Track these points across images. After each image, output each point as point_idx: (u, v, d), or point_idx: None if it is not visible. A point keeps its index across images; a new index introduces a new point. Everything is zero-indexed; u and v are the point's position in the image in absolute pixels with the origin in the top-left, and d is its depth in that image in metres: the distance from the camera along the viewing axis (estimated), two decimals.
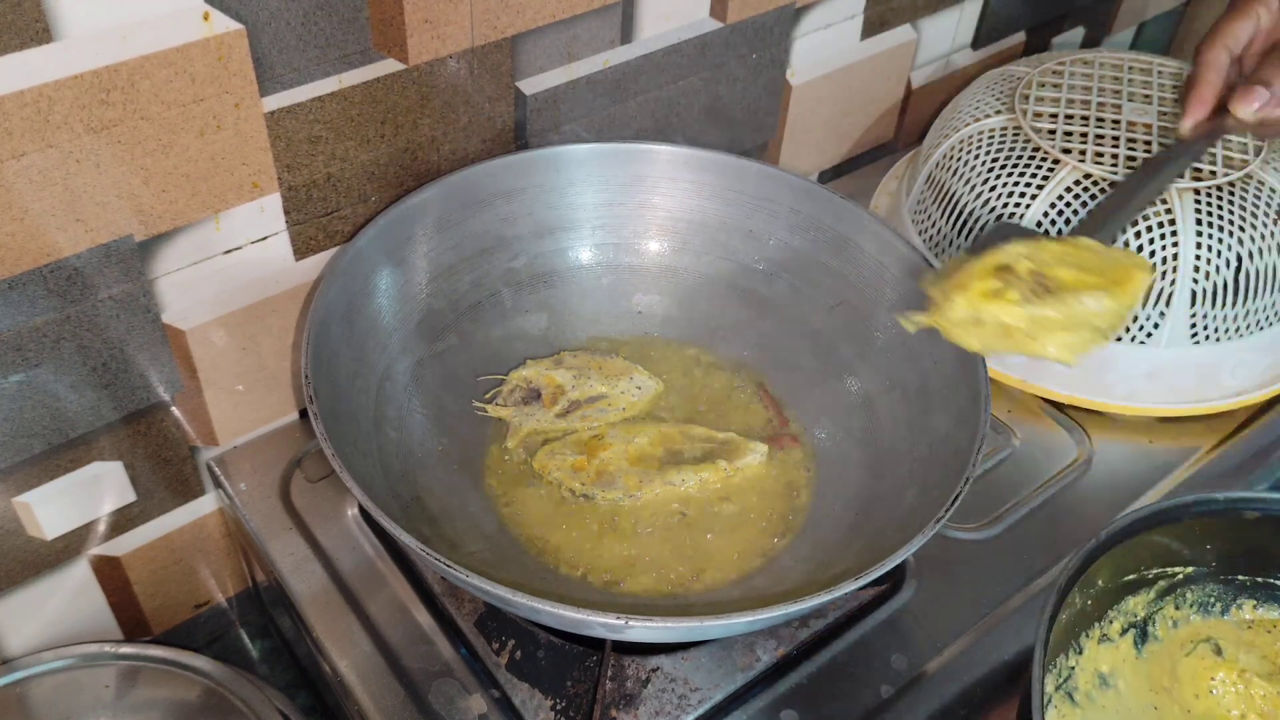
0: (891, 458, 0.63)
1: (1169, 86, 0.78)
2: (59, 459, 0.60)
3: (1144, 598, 0.59)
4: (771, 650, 0.58)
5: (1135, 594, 0.59)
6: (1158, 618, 0.60)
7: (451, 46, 0.61)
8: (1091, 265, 0.56)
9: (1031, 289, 0.55)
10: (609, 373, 0.67)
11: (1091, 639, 0.58)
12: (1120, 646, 0.59)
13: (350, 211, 0.64)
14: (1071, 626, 0.57)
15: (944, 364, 0.62)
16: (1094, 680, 0.58)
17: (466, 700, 0.56)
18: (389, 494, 0.57)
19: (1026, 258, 0.56)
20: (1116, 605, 0.59)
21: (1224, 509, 0.58)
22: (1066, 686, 0.57)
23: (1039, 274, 0.55)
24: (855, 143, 0.92)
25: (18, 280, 0.52)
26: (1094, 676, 0.58)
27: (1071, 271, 0.55)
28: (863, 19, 0.82)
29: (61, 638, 0.66)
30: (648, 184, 0.71)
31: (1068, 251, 0.56)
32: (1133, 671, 0.59)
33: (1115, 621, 0.59)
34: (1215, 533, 0.59)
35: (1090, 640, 0.58)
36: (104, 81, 0.49)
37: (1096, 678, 0.58)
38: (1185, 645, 0.59)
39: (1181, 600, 0.60)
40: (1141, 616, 0.60)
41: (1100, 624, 0.59)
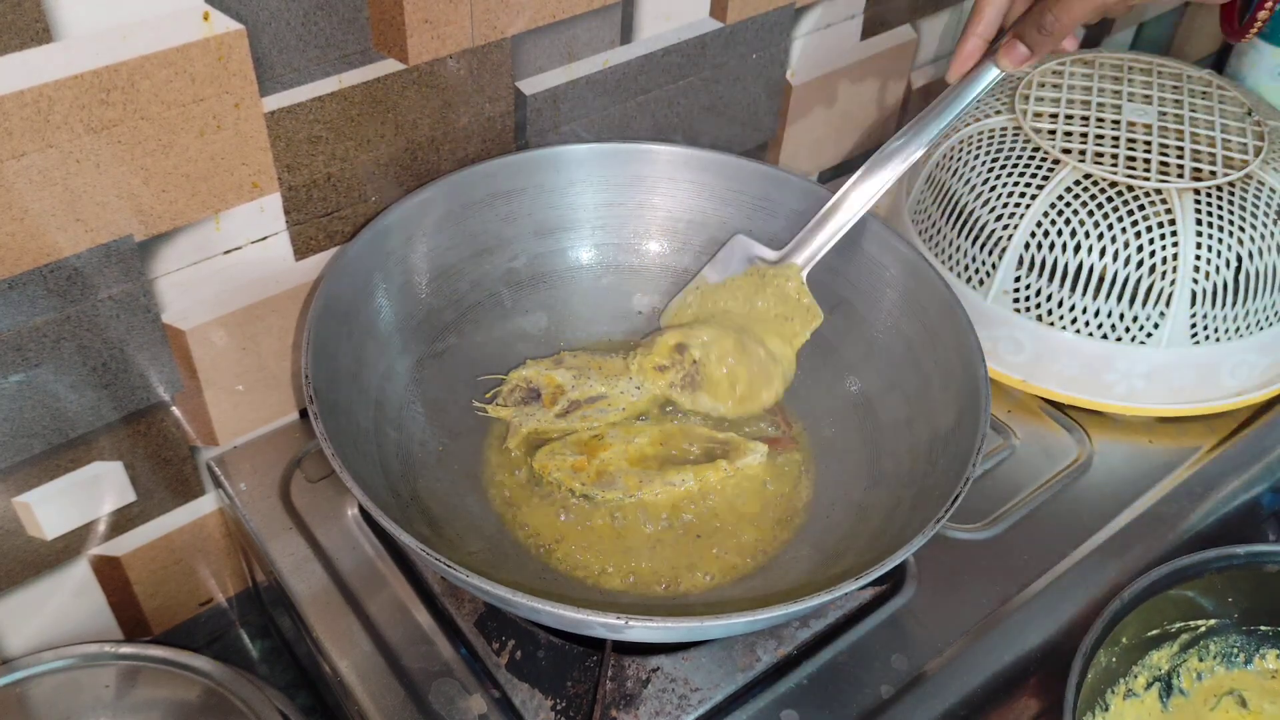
0: (891, 458, 0.63)
1: (1169, 86, 0.78)
2: (59, 459, 0.60)
3: (1167, 651, 0.60)
4: (771, 650, 0.58)
5: (1159, 648, 0.60)
6: (1182, 670, 0.60)
7: (451, 46, 0.61)
8: (769, 315, 0.64)
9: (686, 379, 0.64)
10: (609, 373, 0.67)
11: (1117, 695, 0.59)
12: (1145, 701, 0.59)
13: (350, 211, 0.64)
14: (1097, 685, 0.58)
15: (944, 364, 0.62)
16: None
17: (466, 700, 0.56)
18: (389, 494, 0.57)
19: (700, 344, 0.64)
20: (1141, 660, 0.60)
21: (1245, 563, 0.58)
22: None
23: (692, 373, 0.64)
24: (855, 143, 0.92)
25: (18, 280, 0.52)
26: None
27: (724, 364, 0.64)
28: (863, 19, 0.82)
29: (61, 638, 0.66)
30: (648, 184, 0.71)
31: (745, 299, 0.65)
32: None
33: (1140, 676, 0.59)
34: (1237, 586, 0.59)
35: (1116, 696, 0.59)
36: (104, 81, 0.49)
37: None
38: (1209, 700, 0.60)
39: (1205, 652, 0.61)
40: (1165, 670, 0.60)
41: (1125, 679, 0.59)
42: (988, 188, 0.73)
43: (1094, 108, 0.76)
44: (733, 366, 0.65)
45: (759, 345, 0.66)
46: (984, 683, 0.59)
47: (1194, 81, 0.79)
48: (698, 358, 0.66)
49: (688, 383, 0.66)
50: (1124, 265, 0.68)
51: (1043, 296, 0.71)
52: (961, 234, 0.74)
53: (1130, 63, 0.81)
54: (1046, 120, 0.75)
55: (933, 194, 0.77)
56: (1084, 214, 0.69)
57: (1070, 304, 0.70)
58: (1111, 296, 0.69)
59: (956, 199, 0.74)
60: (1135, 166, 0.71)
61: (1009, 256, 0.71)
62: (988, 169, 0.73)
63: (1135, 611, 0.56)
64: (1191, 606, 0.60)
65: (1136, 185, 0.69)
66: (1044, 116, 0.75)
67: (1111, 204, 0.69)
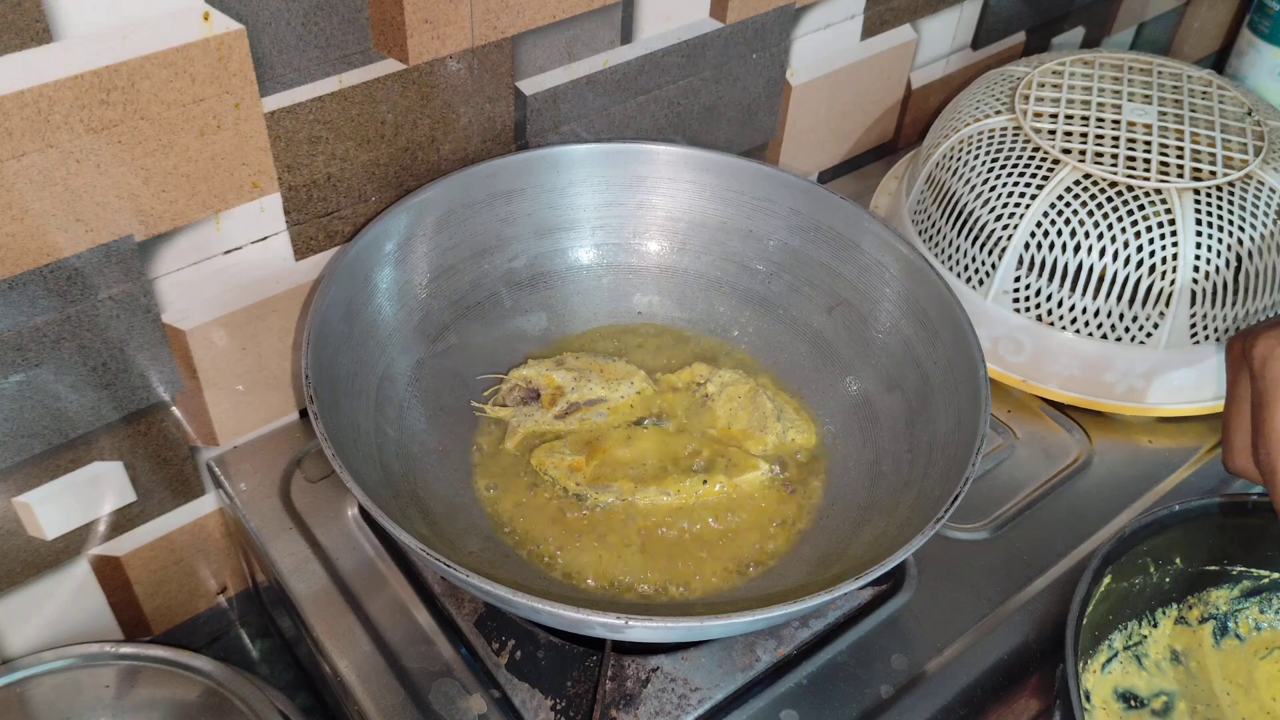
0: (891, 458, 0.63)
1: (1169, 86, 0.78)
2: (59, 459, 0.60)
3: (1227, 593, 0.60)
4: (771, 650, 0.58)
5: (1219, 587, 0.60)
6: (1239, 616, 0.60)
7: (451, 46, 0.61)
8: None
9: None
10: (610, 376, 0.66)
11: (1168, 617, 0.59)
12: (1198, 633, 0.60)
13: (350, 211, 0.64)
14: (1146, 596, 0.58)
15: (944, 364, 0.62)
16: (1166, 653, 0.59)
17: (466, 700, 0.56)
18: (389, 494, 0.57)
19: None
20: (1197, 593, 0.60)
21: None
22: (1136, 650, 0.58)
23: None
24: (855, 143, 0.92)
25: (18, 280, 0.52)
26: (1166, 650, 0.59)
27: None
28: (863, 19, 0.82)
29: (61, 638, 0.66)
30: (648, 184, 0.71)
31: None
32: (1208, 658, 0.60)
33: (1195, 609, 0.60)
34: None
35: (1166, 618, 0.59)
36: (104, 82, 0.49)
37: (1169, 651, 0.59)
38: (1261, 650, 0.60)
39: (1268, 605, 0.60)
40: (1224, 611, 0.60)
41: (1179, 606, 0.60)
42: (988, 188, 0.73)
43: (1094, 108, 0.76)
44: (735, 410, 0.66)
45: (771, 401, 0.66)
46: (984, 682, 0.59)
47: (1194, 81, 0.79)
48: (710, 392, 0.67)
49: (691, 406, 0.67)
50: (1124, 265, 0.68)
51: (1043, 296, 0.71)
52: (961, 234, 0.74)
53: (1130, 63, 0.81)
54: (1046, 120, 0.75)
55: (933, 194, 0.77)
56: (1084, 214, 0.69)
57: (1070, 304, 0.70)
58: (1111, 296, 0.69)
59: (956, 199, 0.74)
60: (1135, 166, 0.71)
61: (1009, 256, 0.71)
62: (988, 169, 0.73)
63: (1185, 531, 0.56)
64: (1252, 552, 0.59)
65: (1136, 185, 0.69)
66: (1044, 116, 0.75)
67: (1111, 204, 0.69)
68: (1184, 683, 0.58)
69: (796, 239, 0.70)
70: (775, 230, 0.70)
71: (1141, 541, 0.56)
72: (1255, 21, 0.97)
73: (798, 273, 0.70)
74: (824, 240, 0.69)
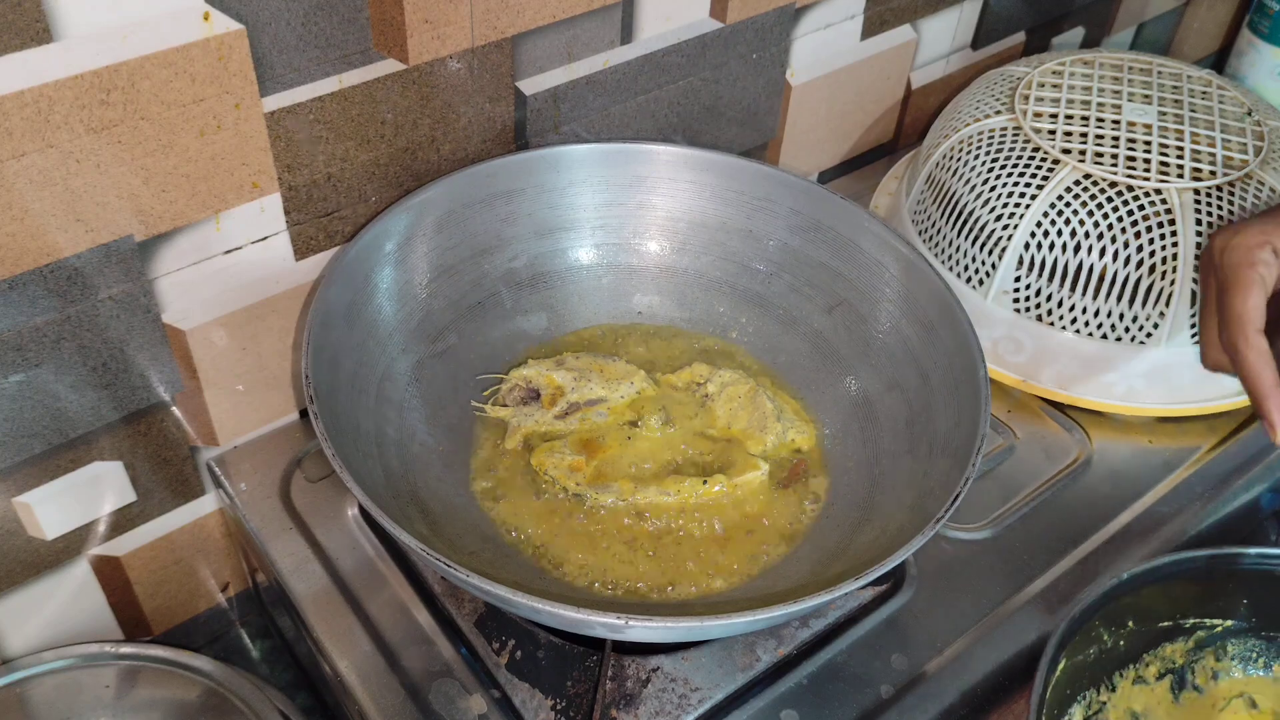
0: (891, 458, 0.63)
1: (1169, 86, 0.78)
2: (59, 459, 0.60)
3: (1181, 646, 0.60)
4: (771, 650, 0.58)
5: (1173, 641, 0.60)
6: (1197, 667, 0.60)
7: (451, 46, 0.61)
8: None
9: None
10: (610, 376, 0.66)
11: (1125, 679, 0.59)
12: (1156, 690, 0.60)
13: (350, 211, 0.64)
14: (1103, 661, 0.58)
15: (944, 364, 0.62)
16: (1125, 716, 0.58)
17: (466, 700, 0.56)
18: (389, 494, 0.57)
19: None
20: (1153, 650, 0.60)
21: (1254, 566, 0.58)
22: (1096, 718, 0.57)
23: None
24: (855, 143, 0.92)
25: (18, 280, 0.52)
26: (1126, 714, 0.59)
27: None
28: (863, 19, 0.82)
29: (61, 638, 0.66)
30: (648, 184, 0.71)
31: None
32: (1167, 715, 0.60)
33: (1151, 666, 0.60)
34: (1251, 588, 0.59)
35: (1124, 680, 0.59)
36: (104, 82, 0.49)
37: (1129, 715, 0.58)
38: (1220, 702, 0.60)
39: (1222, 653, 0.61)
40: (1180, 664, 0.60)
41: (1136, 666, 0.59)
42: (988, 188, 0.73)
43: (1094, 108, 0.76)
44: (735, 410, 0.66)
45: (771, 400, 0.66)
46: (984, 682, 0.59)
47: (1194, 81, 0.79)
48: (710, 392, 0.67)
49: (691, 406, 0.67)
50: (1124, 265, 0.68)
51: (1043, 296, 0.71)
52: (961, 234, 0.74)
53: (1130, 63, 0.81)
54: (1046, 120, 0.75)
55: (933, 194, 0.77)
56: (1084, 214, 0.69)
57: (1070, 304, 0.70)
58: (1111, 296, 0.69)
59: (956, 199, 0.74)
60: (1135, 166, 0.71)
61: (1009, 256, 0.71)
62: (988, 169, 0.73)
63: (1138, 596, 0.56)
64: (1202, 603, 0.59)
65: (1136, 185, 0.69)
66: (1044, 116, 0.75)
67: (1111, 204, 0.69)
68: None
69: (796, 239, 0.70)
70: (775, 230, 0.70)
71: (1092, 617, 0.56)
72: (1255, 21, 0.97)
73: (798, 273, 0.70)
74: (824, 240, 0.69)
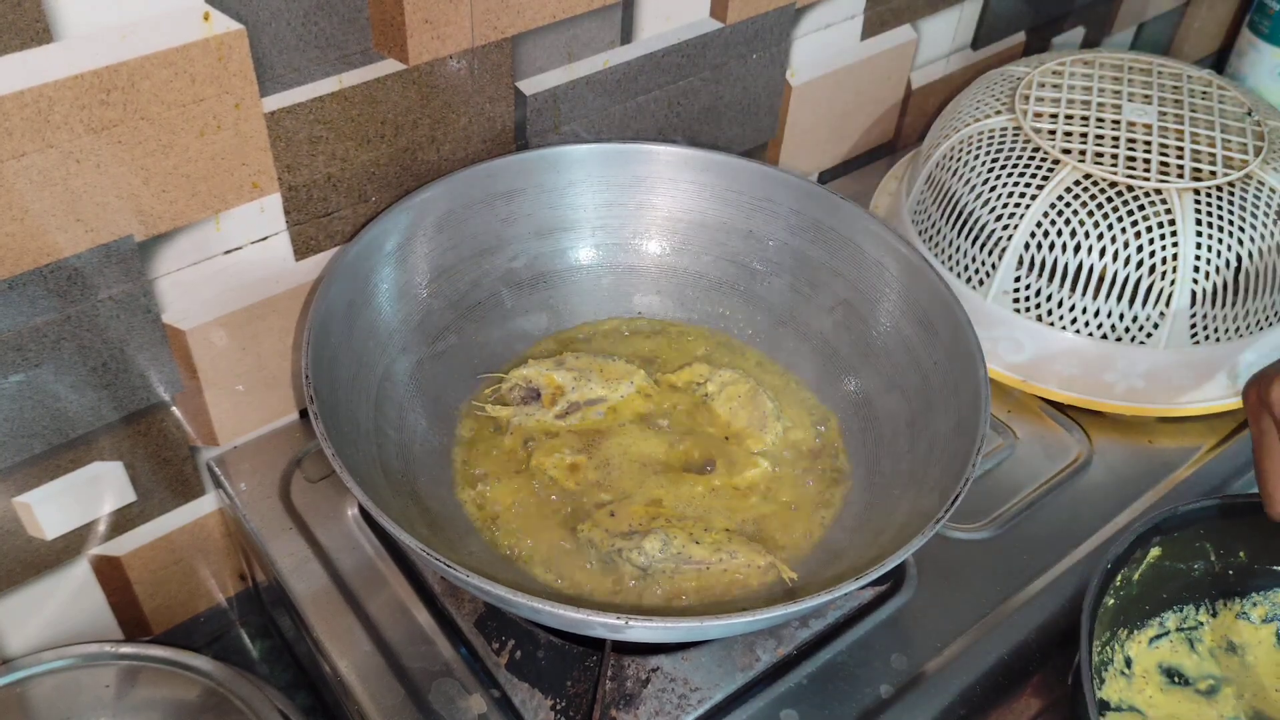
0: (891, 458, 0.63)
1: (1169, 86, 0.78)
2: (59, 459, 0.60)
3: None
4: (771, 650, 0.58)
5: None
6: None
7: (451, 46, 0.61)
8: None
9: None
10: (610, 375, 0.66)
11: (1229, 610, 0.60)
12: (1260, 631, 0.60)
13: (350, 211, 0.64)
14: (1207, 583, 0.59)
15: (944, 364, 0.62)
16: (1222, 642, 0.59)
17: (466, 700, 0.56)
18: (389, 494, 0.57)
19: None
20: (1264, 592, 0.60)
21: None
22: (1190, 634, 0.58)
23: None
24: (855, 143, 0.92)
25: (18, 280, 0.52)
26: (1223, 639, 0.59)
27: None
28: (863, 19, 0.82)
29: (61, 638, 0.66)
30: (648, 184, 0.71)
31: None
32: (1267, 656, 0.60)
33: (1259, 606, 0.60)
34: None
35: (1227, 611, 0.60)
36: (104, 81, 0.49)
37: (1225, 641, 0.59)
38: None
39: None
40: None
41: (1242, 600, 0.60)
42: (988, 188, 0.73)
43: (1094, 108, 0.76)
44: (735, 409, 0.66)
45: (771, 400, 0.66)
46: (984, 682, 0.59)
47: (1194, 81, 0.79)
48: (710, 391, 0.67)
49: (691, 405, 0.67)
50: (1124, 265, 0.68)
51: (1043, 296, 0.71)
52: (961, 234, 0.74)
53: (1130, 63, 0.81)
54: (1046, 120, 0.75)
55: (933, 194, 0.77)
56: (1084, 214, 0.69)
57: (1070, 304, 0.70)
58: (1111, 296, 0.69)
59: (956, 199, 0.74)
60: (1135, 166, 0.71)
61: (1009, 256, 0.71)
62: (988, 169, 0.73)
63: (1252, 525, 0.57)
64: None
65: (1136, 185, 0.69)
66: (1044, 116, 0.75)
67: (1111, 204, 0.69)
68: (1236, 673, 0.58)
69: (796, 239, 0.70)
70: (775, 230, 0.70)
71: (1198, 524, 0.57)
72: (1255, 21, 0.97)
73: (798, 273, 0.70)
74: (824, 240, 0.69)
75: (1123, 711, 0.57)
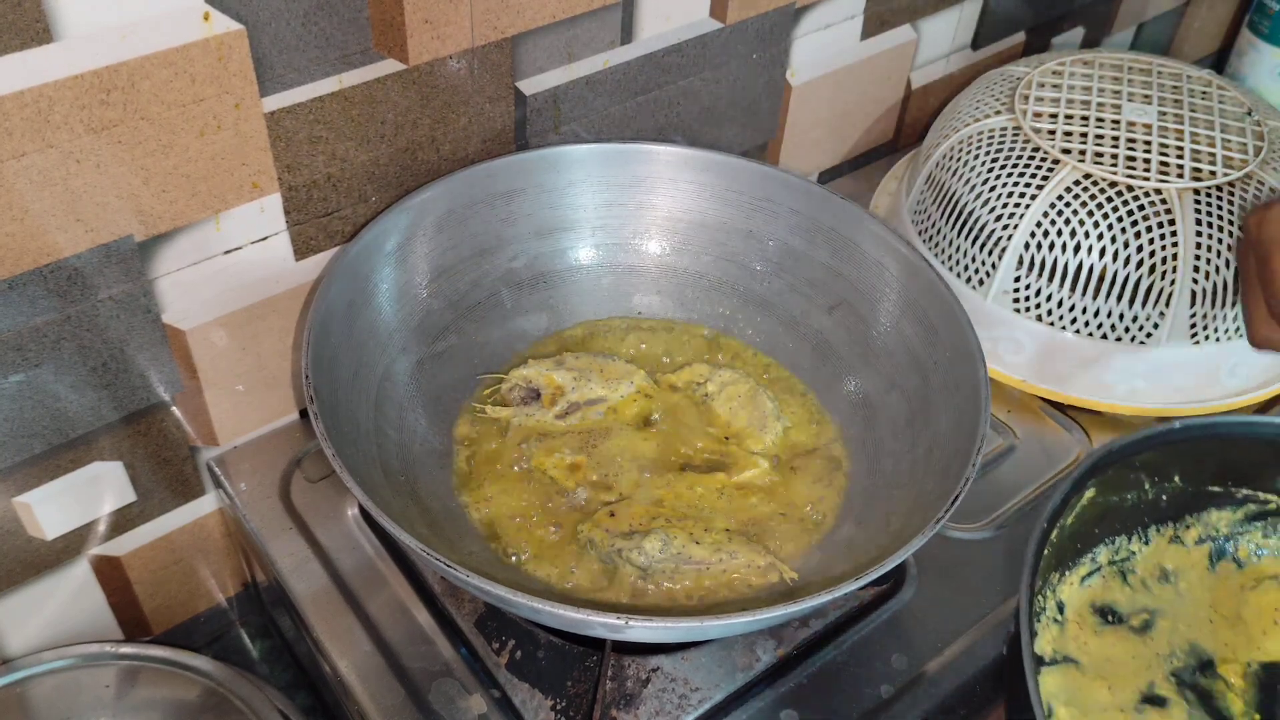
0: (891, 458, 0.63)
1: (1169, 86, 0.78)
2: (59, 459, 0.60)
3: (1229, 515, 0.58)
4: (771, 650, 0.58)
5: (1220, 509, 0.58)
6: (1240, 540, 0.58)
7: (451, 46, 0.61)
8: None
9: None
10: (609, 375, 0.66)
11: (1162, 535, 0.58)
12: (1193, 554, 0.58)
13: (350, 211, 0.64)
14: (1140, 511, 0.57)
15: (944, 364, 0.62)
16: (1155, 570, 0.57)
17: (466, 700, 0.56)
18: (389, 494, 0.57)
19: None
20: (1196, 514, 0.58)
21: None
22: (1123, 565, 0.56)
23: None
24: (855, 143, 0.92)
25: (18, 280, 0.52)
26: (1156, 567, 0.57)
27: None
28: (863, 19, 0.82)
29: (61, 638, 0.66)
30: (648, 184, 0.71)
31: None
32: (1199, 581, 0.58)
33: (1193, 529, 0.58)
34: None
35: (1160, 536, 0.58)
36: (104, 81, 0.49)
37: (1159, 569, 0.57)
38: (1250, 582, 0.58)
39: (1271, 530, 0.58)
40: (1223, 534, 0.58)
41: (1175, 525, 0.58)
42: (988, 188, 0.73)
43: (1094, 108, 0.76)
44: (735, 409, 0.66)
45: (771, 400, 0.66)
46: (984, 682, 0.59)
47: (1194, 81, 0.79)
48: (710, 391, 0.67)
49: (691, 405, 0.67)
50: (1124, 265, 0.68)
51: (1043, 296, 0.71)
52: (961, 234, 0.74)
53: (1130, 63, 0.81)
54: (1046, 120, 0.75)
55: (933, 194, 0.77)
56: (1084, 214, 0.69)
57: (1070, 304, 0.70)
58: (1111, 296, 0.69)
59: (956, 199, 0.74)
60: (1135, 166, 0.71)
61: (1009, 256, 0.71)
62: (988, 169, 0.73)
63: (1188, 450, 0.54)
64: (1261, 475, 0.57)
65: (1136, 185, 0.69)
66: (1044, 116, 0.75)
67: (1111, 204, 0.69)
68: (1170, 602, 0.57)
69: (796, 239, 0.70)
70: (775, 230, 0.70)
71: (1134, 455, 0.54)
72: (1255, 21, 0.97)
73: (798, 273, 0.70)
74: (824, 240, 0.69)
75: (1057, 664, 0.55)
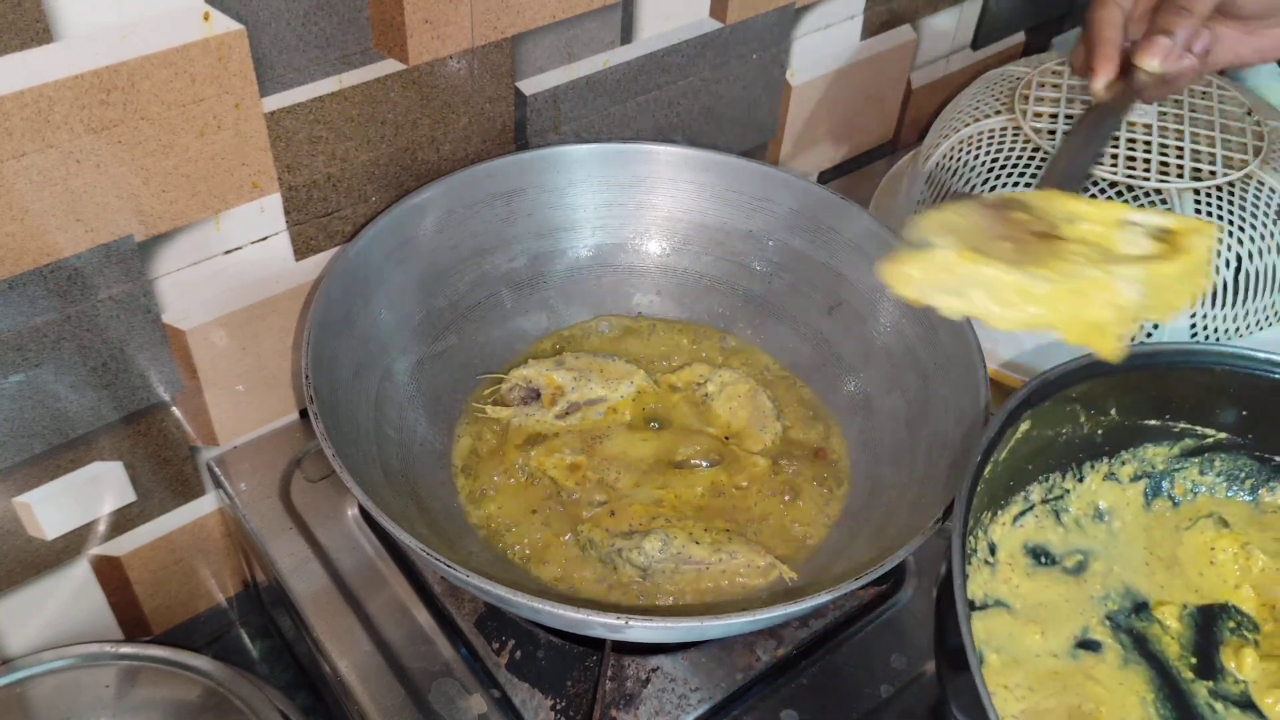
0: (891, 458, 0.63)
1: None
2: (59, 459, 0.60)
3: (1165, 451, 0.56)
4: (771, 650, 0.58)
5: (1157, 444, 0.56)
6: (1177, 477, 0.57)
7: (451, 46, 0.61)
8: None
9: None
10: (609, 375, 0.66)
11: (1096, 472, 0.56)
12: (1127, 491, 0.56)
13: (350, 211, 0.64)
14: (1075, 447, 0.55)
15: (944, 365, 0.62)
16: (1089, 509, 0.55)
17: (466, 700, 0.56)
18: (389, 494, 0.57)
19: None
20: (1132, 449, 0.56)
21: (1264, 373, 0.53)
22: (1056, 505, 0.54)
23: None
24: (855, 143, 0.92)
25: (18, 280, 0.52)
26: (1090, 506, 0.55)
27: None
28: (863, 19, 0.82)
29: (61, 638, 0.66)
30: (648, 184, 0.71)
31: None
32: (1134, 520, 0.56)
33: (1128, 465, 0.56)
34: (1252, 400, 0.54)
35: (1094, 473, 0.56)
36: (104, 81, 0.49)
37: (1092, 508, 0.55)
38: (1185, 522, 0.56)
39: (1208, 467, 0.57)
40: (1159, 470, 0.57)
41: (1110, 461, 0.56)
42: (987, 188, 0.73)
43: None
44: (735, 409, 0.66)
45: (770, 400, 0.67)
46: None
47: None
48: (710, 391, 0.67)
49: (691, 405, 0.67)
50: None
51: None
52: None
53: None
54: (1046, 120, 0.75)
55: (933, 194, 0.77)
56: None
57: None
58: None
59: None
60: (1135, 166, 0.71)
61: None
62: (988, 169, 0.73)
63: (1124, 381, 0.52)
64: (1199, 410, 0.55)
65: (1136, 185, 0.69)
66: (1044, 116, 0.75)
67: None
68: (1104, 543, 0.55)
69: (796, 239, 0.70)
70: (775, 230, 0.70)
71: (1070, 386, 0.52)
72: None
73: (798, 273, 0.70)
74: (824, 240, 0.69)
75: (989, 609, 0.54)
